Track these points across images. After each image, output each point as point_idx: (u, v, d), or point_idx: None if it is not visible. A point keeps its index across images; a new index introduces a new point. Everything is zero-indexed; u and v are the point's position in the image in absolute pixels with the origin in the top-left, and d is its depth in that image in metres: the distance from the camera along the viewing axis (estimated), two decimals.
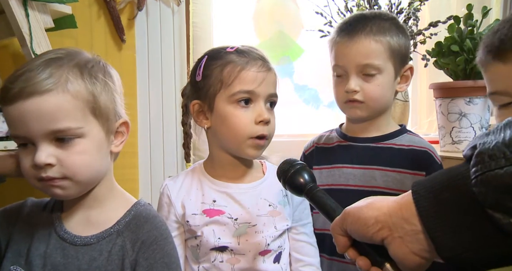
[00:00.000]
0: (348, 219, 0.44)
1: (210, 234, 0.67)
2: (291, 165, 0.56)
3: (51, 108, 0.51)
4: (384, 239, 0.41)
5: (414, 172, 0.79)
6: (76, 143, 0.53)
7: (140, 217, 0.59)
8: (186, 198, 0.70)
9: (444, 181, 0.38)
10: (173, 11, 1.35)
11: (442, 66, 1.16)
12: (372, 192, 0.79)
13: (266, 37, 1.58)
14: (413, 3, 1.30)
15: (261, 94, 0.68)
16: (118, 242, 0.57)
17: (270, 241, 0.69)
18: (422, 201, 0.39)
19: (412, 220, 0.39)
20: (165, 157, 1.38)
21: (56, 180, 0.52)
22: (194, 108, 0.71)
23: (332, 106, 1.72)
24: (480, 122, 1.11)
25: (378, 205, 0.43)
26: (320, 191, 0.53)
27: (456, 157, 1.06)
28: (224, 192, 0.70)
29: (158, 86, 1.35)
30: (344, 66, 0.79)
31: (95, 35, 1.24)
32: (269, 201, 0.71)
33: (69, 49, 0.58)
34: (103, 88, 0.56)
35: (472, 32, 1.08)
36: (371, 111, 0.80)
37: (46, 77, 0.51)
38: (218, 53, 0.70)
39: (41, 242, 0.57)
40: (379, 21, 0.79)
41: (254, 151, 0.69)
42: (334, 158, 0.84)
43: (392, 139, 0.82)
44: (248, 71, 0.67)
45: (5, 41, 1.08)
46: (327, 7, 1.38)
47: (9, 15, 0.85)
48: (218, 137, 0.70)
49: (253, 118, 0.67)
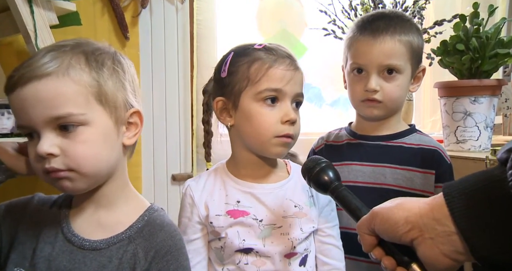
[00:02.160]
0: (376, 219, 0.44)
1: (234, 235, 0.65)
2: (316, 163, 0.56)
3: (50, 92, 0.48)
4: (414, 240, 0.41)
5: (423, 171, 0.78)
6: (80, 132, 0.50)
7: (154, 224, 0.56)
8: (209, 198, 0.68)
9: (478, 183, 0.39)
10: (177, 8, 1.35)
11: (447, 65, 1.15)
12: (381, 189, 0.79)
13: (269, 35, 1.58)
14: (418, 2, 1.29)
15: (288, 93, 0.66)
16: (129, 249, 0.53)
17: (297, 244, 0.67)
18: (455, 203, 0.39)
19: (444, 221, 0.39)
20: (168, 155, 1.38)
21: (61, 172, 0.49)
22: (218, 105, 0.69)
23: (335, 104, 1.72)
24: (485, 122, 1.10)
25: (408, 206, 0.42)
26: (345, 190, 0.53)
27: (461, 156, 1.05)
28: (249, 193, 0.68)
29: (162, 83, 1.36)
30: (366, 64, 0.78)
31: (99, 33, 1.24)
32: (294, 202, 0.69)
33: (81, 39, 0.55)
34: (110, 75, 0.53)
35: (478, 30, 1.07)
36: (388, 111, 0.80)
37: (46, 61, 0.49)
38: (246, 50, 0.68)
39: (46, 243, 0.54)
40: (401, 21, 0.79)
41: (280, 149, 0.66)
42: (344, 155, 0.84)
43: (402, 138, 0.82)
44: (276, 69, 0.65)
45: (10, 38, 1.08)
46: (331, 5, 1.37)
47: (14, 12, 0.85)
48: (242, 135, 0.68)
49: (279, 117, 0.65)
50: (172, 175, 1.38)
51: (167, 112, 1.37)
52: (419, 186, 0.78)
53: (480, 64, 1.08)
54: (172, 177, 1.39)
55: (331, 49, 1.50)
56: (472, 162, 1.01)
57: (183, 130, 1.39)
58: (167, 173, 1.38)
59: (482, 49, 1.05)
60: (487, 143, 1.12)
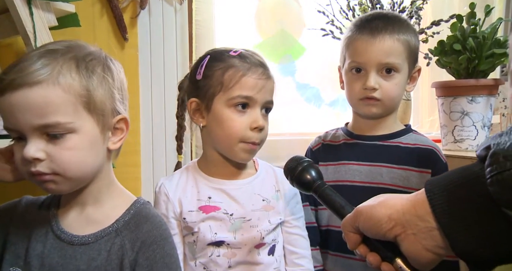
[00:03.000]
0: (360, 217, 0.45)
1: (206, 229, 0.69)
2: (298, 163, 0.57)
3: (39, 101, 0.49)
4: (397, 236, 0.42)
5: (419, 170, 0.80)
6: (67, 139, 0.51)
7: (140, 216, 0.58)
8: (182, 195, 0.71)
9: (458, 179, 0.39)
10: (176, 9, 1.36)
11: (444, 65, 1.16)
12: (378, 188, 0.80)
13: (268, 36, 1.58)
14: (415, 2, 1.30)
15: (258, 100, 0.69)
16: (117, 241, 0.55)
17: (265, 235, 0.70)
18: (436, 199, 0.40)
19: (426, 218, 0.40)
20: (167, 156, 1.38)
21: (46, 176, 0.51)
22: (192, 105, 0.72)
23: (333, 105, 1.72)
24: (482, 121, 1.11)
25: (391, 203, 0.43)
26: (328, 188, 0.53)
27: (458, 156, 1.06)
28: (219, 189, 0.72)
29: (161, 84, 1.36)
30: (364, 63, 0.79)
31: (98, 34, 1.25)
32: (262, 196, 0.73)
33: (72, 41, 0.56)
34: (100, 83, 0.53)
35: (475, 30, 1.08)
36: (385, 109, 0.81)
37: (37, 69, 0.49)
38: (221, 55, 0.71)
39: (38, 242, 0.56)
40: (398, 21, 0.81)
41: (246, 155, 0.71)
42: (340, 155, 0.85)
43: (398, 137, 0.83)
44: (249, 77, 0.68)
45: (9, 40, 1.08)
46: (329, 5, 1.38)
47: (13, 13, 0.86)
48: (212, 137, 0.72)
49: (248, 123, 0.68)
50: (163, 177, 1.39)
51: (166, 112, 1.37)
52: (415, 185, 0.79)
53: (477, 64, 1.09)
54: None
55: (330, 49, 1.50)
56: (469, 161, 1.02)
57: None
58: (166, 174, 1.38)
59: (479, 49, 1.06)
60: None
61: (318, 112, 1.68)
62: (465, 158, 1.04)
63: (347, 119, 0.93)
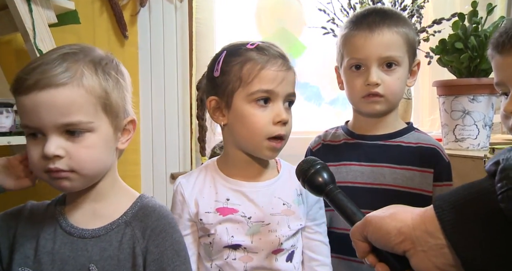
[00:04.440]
0: (369, 227, 0.44)
1: (223, 232, 0.67)
2: (311, 165, 0.55)
3: (64, 101, 0.52)
4: (407, 252, 0.41)
5: (422, 169, 0.78)
6: (85, 137, 0.54)
7: (147, 207, 0.60)
8: (199, 196, 0.69)
9: (467, 195, 0.39)
10: (176, 7, 1.35)
11: (445, 64, 1.15)
12: (381, 189, 0.79)
13: (268, 34, 1.58)
14: (416, 0, 1.29)
15: (280, 93, 0.66)
16: (127, 231, 0.58)
17: (284, 240, 0.68)
18: (446, 216, 0.39)
19: (436, 234, 0.39)
20: (167, 154, 1.38)
21: (63, 173, 0.53)
22: (211, 104, 0.69)
23: (333, 103, 1.72)
24: (484, 120, 1.11)
25: (401, 217, 0.42)
26: (340, 193, 0.52)
27: (459, 155, 1.06)
28: (238, 191, 0.69)
29: (161, 82, 1.36)
30: (364, 58, 0.77)
31: (98, 31, 1.24)
32: (283, 200, 0.70)
33: (83, 45, 0.59)
34: (115, 85, 0.57)
35: (477, 29, 1.07)
36: (389, 105, 0.79)
37: (62, 71, 0.52)
38: (238, 49, 0.68)
39: (47, 240, 0.57)
40: (394, 14, 0.79)
41: (271, 153, 0.68)
42: (341, 155, 0.83)
43: (400, 136, 0.81)
44: (268, 70, 0.65)
45: (9, 37, 1.08)
46: (330, 4, 1.37)
47: (13, 10, 0.85)
48: (234, 135, 0.69)
49: (271, 118, 0.65)
50: (171, 174, 1.39)
51: (166, 110, 1.37)
52: (418, 185, 0.78)
53: (478, 62, 1.08)
54: (171, 176, 1.39)
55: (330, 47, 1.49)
56: (470, 160, 1.02)
57: (182, 128, 1.39)
58: (166, 172, 1.38)
59: (481, 47, 1.06)
60: (486, 142, 1.12)
61: (318, 111, 1.68)
62: (466, 157, 1.04)
63: (347, 118, 0.91)
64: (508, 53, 0.55)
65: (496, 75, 0.59)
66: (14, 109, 0.85)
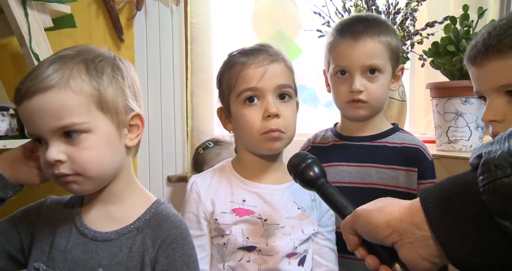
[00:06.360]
0: (359, 221, 0.45)
1: (238, 233, 0.67)
2: (302, 159, 0.56)
3: (53, 104, 0.52)
4: (395, 244, 0.42)
5: (407, 169, 0.81)
6: (84, 139, 0.53)
7: (161, 215, 0.59)
8: (215, 195, 0.70)
9: (451, 188, 0.39)
10: (172, 11, 1.36)
11: (438, 66, 1.16)
12: (368, 188, 0.81)
13: (264, 37, 1.59)
14: (410, 3, 1.31)
15: (265, 88, 0.66)
16: (138, 238, 0.57)
17: (298, 244, 0.69)
18: (431, 208, 0.40)
19: (422, 226, 0.40)
20: (164, 157, 1.38)
21: (68, 177, 0.53)
22: (220, 114, 0.74)
23: (330, 105, 1.73)
24: (476, 122, 1.12)
25: (389, 210, 0.43)
26: (331, 187, 0.53)
27: (452, 156, 1.07)
28: (254, 192, 0.70)
29: (157, 86, 1.36)
30: (348, 66, 0.80)
31: (94, 35, 1.25)
32: (298, 204, 0.70)
33: (83, 46, 0.58)
34: (110, 82, 0.55)
35: (468, 32, 1.09)
36: (372, 110, 0.82)
37: (49, 74, 0.52)
38: (228, 59, 0.72)
39: (62, 238, 0.58)
40: (378, 23, 0.82)
41: (269, 144, 0.67)
42: (330, 157, 0.85)
43: (386, 137, 0.84)
44: (247, 69, 0.67)
45: (4, 41, 1.08)
46: (325, 7, 1.38)
47: (8, 14, 0.86)
48: (238, 138, 0.73)
49: (261, 114, 0.67)
50: (168, 177, 1.39)
51: (162, 114, 1.37)
52: (403, 184, 0.80)
53: None
54: (168, 179, 1.39)
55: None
56: (463, 161, 1.03)
57: (178, 132, 1.40)
58: (163, 175, 1.38)
59: None
60: (478, 143, 1.13)
61: (315, 113, 1.69)
62: (458, 159, 1.05)
63: None
64: (480, 65, 0.58)
65: (473, 84, 0.62)
66: (10, 113, 0.86)
